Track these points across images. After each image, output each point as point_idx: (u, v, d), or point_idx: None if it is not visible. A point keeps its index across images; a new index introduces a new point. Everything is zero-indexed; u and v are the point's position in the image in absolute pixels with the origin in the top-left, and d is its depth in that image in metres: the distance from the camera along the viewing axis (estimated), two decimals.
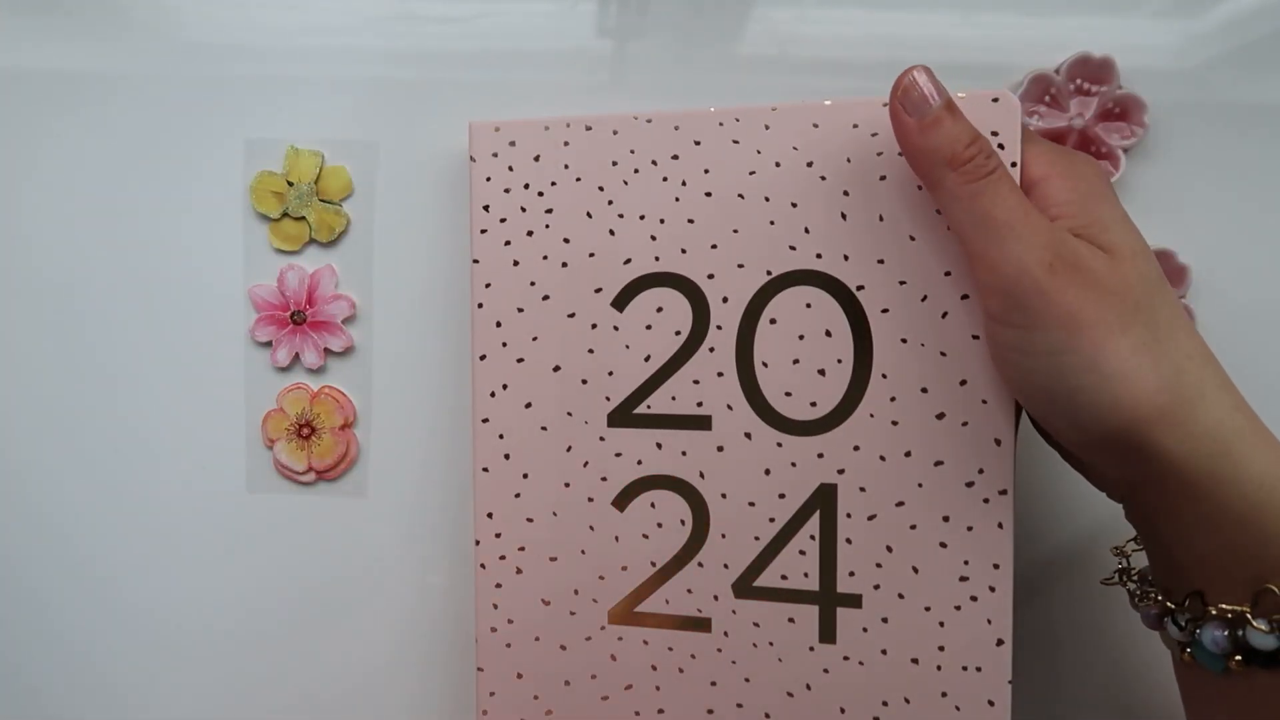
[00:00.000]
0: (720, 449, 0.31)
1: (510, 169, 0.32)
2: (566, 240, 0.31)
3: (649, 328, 0.31)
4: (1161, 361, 0.24)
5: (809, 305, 0.30)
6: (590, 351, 0.31)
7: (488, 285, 0.32)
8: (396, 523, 0.37)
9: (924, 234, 0.29)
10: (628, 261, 0.31)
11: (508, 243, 0.32)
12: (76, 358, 0.38)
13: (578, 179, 0.31)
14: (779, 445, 0.30)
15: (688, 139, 0.30)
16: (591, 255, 0.31)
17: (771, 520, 0.30)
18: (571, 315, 0.31)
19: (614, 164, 0.31)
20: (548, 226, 0.31)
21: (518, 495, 0.32)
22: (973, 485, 0.29)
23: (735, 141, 0.30)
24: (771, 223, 0.30)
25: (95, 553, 0.39)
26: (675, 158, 0.31)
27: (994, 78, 0.33)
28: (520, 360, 0.32)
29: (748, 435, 0.30)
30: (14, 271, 0.38)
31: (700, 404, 0.31)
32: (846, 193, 0.29)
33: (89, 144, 0.37)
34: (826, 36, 0.34)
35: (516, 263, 0.32)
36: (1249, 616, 0.24)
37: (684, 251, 0.31)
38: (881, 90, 0.27)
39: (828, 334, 0.30)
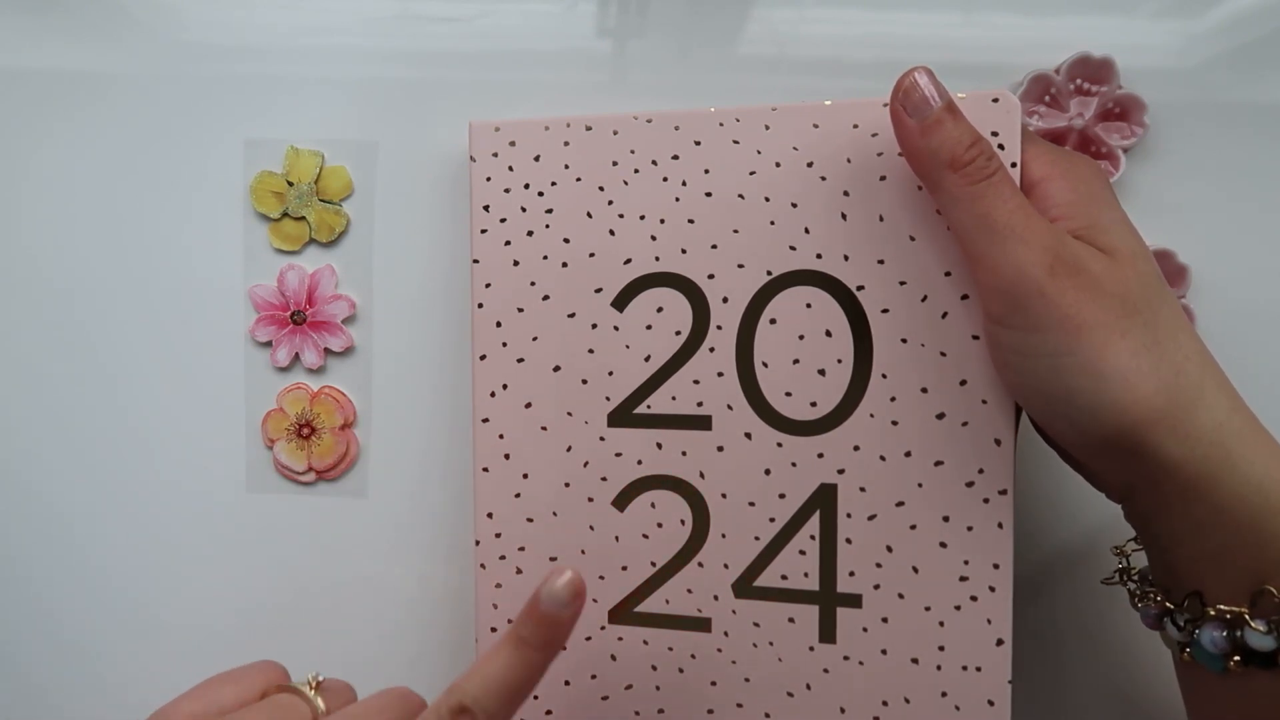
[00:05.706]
0: (720, 449, 0.31)
1: (510, 169, 0.32)
2: (566, 240, 0.31)
3: (649, 328, 0.31)
4: (1161, 364, 0.24)
5: (809, 305, 0.30)
6: (590, 351, 0.31)
7: (488, 285, 0.32)
8: (396, 523, 0.37)
9: (924, 234, 0.29)
10: (628, 261, 0.31)
11: (508, 243, 0.32)
12: (76, 357, 0.38)
13: (578, 179, 0.31)
14: (779, 445, 0.30)
15: (688, 139, 0.30)
16: (591, 255, 0.31)
17: (771, 520, 0.30)
18: (571, 315, 0.31)
19: (614, 164, 0.31)
20: (548, 226, 0.31)
21: (518, 495, 0.32)
22: (973, 485, 0.29)
23: (735, 141, 0.30)
24: (772, 223, 0.30)
25: (96, 552, 0.39)
26: (675, 158, 0.31)
27: (994, 78, 0.33)
28: (520, 360, 0.32)
29: (748, 435, 0.30)
30: (14, 271, 0.38)
31: (700, 404, 0.31)
32: (846, 193, 0.29)
33: (89, 144, 0.37)
34: (826, 36, 0.34)
35: (516, 263, 0.32)
36: (1247, 617, 0.24)
37: (684, 251, 0.31)
38: (881, 90, 0.27)
39: (828, 334, 0.30)
